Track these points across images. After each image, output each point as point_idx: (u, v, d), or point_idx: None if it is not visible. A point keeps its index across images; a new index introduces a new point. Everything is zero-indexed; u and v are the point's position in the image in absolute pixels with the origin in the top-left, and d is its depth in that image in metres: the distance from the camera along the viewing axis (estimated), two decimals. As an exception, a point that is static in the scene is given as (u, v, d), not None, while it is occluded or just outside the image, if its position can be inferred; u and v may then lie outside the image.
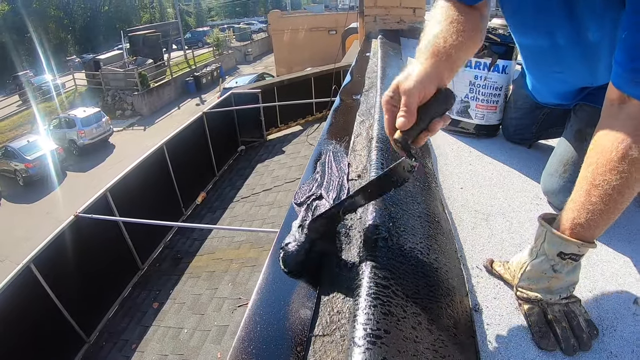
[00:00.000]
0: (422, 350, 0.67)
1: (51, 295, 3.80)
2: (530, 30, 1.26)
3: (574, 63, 1.25)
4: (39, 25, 32.96)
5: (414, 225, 0.97)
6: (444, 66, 0.93)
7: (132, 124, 20.28)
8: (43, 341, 3.76)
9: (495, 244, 1.17)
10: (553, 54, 1.27)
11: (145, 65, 22.57)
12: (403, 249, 0.86)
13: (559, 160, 1.36)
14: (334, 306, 0.78)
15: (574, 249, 0.84)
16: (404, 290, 0.75)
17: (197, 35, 35.93)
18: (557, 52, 1.24)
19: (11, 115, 21.24)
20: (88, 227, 4.19)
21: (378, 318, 0.66)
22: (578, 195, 0.85)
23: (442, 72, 0.92)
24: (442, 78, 0.92)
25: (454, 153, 1.72)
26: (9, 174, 15.35)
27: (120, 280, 4.75)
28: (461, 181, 1.50)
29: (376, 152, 1.21)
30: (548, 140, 1.83)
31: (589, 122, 1.30)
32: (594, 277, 1.05)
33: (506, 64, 1.72)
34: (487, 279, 1.05)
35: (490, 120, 1.83)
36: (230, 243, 4.73)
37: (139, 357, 3.68)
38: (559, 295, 0.90)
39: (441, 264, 0.92)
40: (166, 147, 5.53)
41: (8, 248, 11.32)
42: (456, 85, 1.80)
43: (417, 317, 0.73)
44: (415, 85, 0.86)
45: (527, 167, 1.62)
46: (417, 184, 1.18)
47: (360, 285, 0.73)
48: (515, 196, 1.42)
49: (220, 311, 3.68)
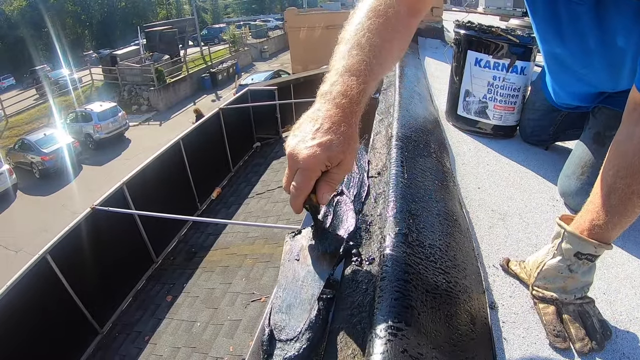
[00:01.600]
0: (440, 343, 0.69)
1: (66, 286, 3.85)
2: (562, 35, 1.26)
3: (600, 68, 1.25)
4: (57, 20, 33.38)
5: (433, 222, 0.99)
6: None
7: (148, 119, 20.44)
8: (57, 331, 3.81)
9: (511, 243, 1.18)
10: (580, 59, 1.27)
11: (161, 61, 22.72)
12: (423, 245, 0.87)
13: (577, 163, 1.37)
14: (354, 299, 0.79)
15: (591, 249, 0.86)
16: (423, 285, 0.76)
17: (213, 31, 36.08)
18: (585, 57, 1.24)
19: (28, 108, 21.54)
20: (104, 219, 4.24)
21: (399, 311, 0.68)
22: (597, 197, 0.86)
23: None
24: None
25: (471, 153, 1.73)
26: (25, 166, 15.58)
27: (134, 272, 4.80)
28: (478, 181, 1.50)
29: (396, 150, 1.23)
30: (565, 142, 1.83)
31: (608, 125, 1.31)
32: (608, 279, 1.06)
33: (524, 65, 1.72)
34: (503, 278, 1.06)
35: (508, 121, 1.83)
36: (245, 238, 4.76)
37: (151, 349, 3.73)
38: (574, 295, 0.91)
39: (459, 262, 0.93)
40: (182, 142, 5.57)
41: (24, 239, 11.48)
42: (474, 85, 1.81)
43: (436, 311, 0.74)
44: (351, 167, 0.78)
45: (544, 168, 1.62)
46: (436, 183, 1.19)
47: (381, 279, 0.74)
48: (532, 197, 1.42)
49: (233, 305, 3.71)
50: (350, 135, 0.73)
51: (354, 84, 0.76)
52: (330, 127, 0.72)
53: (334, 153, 0.71)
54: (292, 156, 0.72)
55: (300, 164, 0.71)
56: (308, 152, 0.70)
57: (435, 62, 3.09)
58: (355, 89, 0.76)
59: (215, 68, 24.31)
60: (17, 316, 3.47)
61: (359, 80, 0.77)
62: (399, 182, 1.05)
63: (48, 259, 3.68)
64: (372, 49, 0.81)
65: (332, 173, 0.74)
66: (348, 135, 0.73)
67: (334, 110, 0.74)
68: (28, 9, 32.56)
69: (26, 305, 3.54)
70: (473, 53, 1.77)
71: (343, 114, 0.74)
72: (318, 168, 0.72)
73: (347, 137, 0.73)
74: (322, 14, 20.20)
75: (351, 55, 0.80)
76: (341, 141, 0.72)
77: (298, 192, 0.73)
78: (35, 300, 3.62)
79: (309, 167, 0.71)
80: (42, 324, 3.69)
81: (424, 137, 1.47)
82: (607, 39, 1.12)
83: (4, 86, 28.02)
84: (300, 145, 0.72)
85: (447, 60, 2.76)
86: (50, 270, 3.71)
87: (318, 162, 0.71)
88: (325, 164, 0.72)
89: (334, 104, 0.75)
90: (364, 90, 0.77)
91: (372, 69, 0.80)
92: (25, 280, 3.50)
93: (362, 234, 0.97)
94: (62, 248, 3.81)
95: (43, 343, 3.69)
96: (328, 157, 0.71)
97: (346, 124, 0.73)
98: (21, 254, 10.83)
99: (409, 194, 1.02)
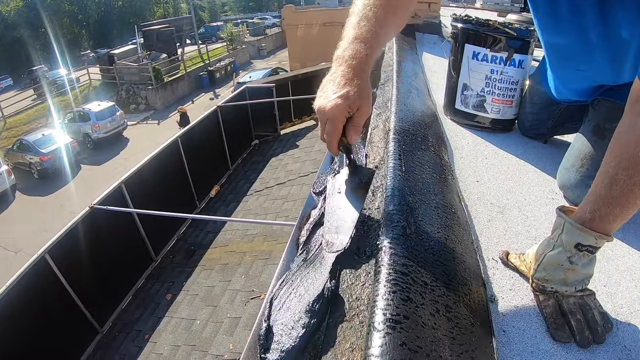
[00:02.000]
0: (440, 337, 0.68)
1: (65, 286, 3.85)
2: (562, 29, 1.25)
3: (602, 61, 1.25)
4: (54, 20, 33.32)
5: (432, 215, 0.98)
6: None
7: (146, 118, 20.40)
8: (57, 331, 3.81)
9: (510, 236, 1.17)
10: (582, 52, 1.27)
11: (159, 60, 22.72)
12: (421, 237, 0.87)
13: (576, 155, 1.36)
14: (352, 293, 0.79)
15: (592, 240, 0.85)
16: (422, 278, 0.76)
17: (210, 30, 36.07)
18: (587, 50, 1.24)
19: (26, 109, 21.54)
20: (103, 218, 4.24)
21: (397, 304, 0.67)
22: (599, 188, 0.86)
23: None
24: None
25: (469, 147, 1.72)
26: (24, 167, 15.53)
27: (134, 271, 4.81)
28: (477, 174, 1.50)
29: (393, 144, 1.22)
30: (564, 136, 1.82)
31: (608, 117, 1.30)
32: (608, 271, 1.05)
33: (522, 58, 1.71)
34: (503, 271, 1.05)
35: (506, 115, 1.82)
36: (244, 236, 4.76)
37: (151, 347, 3.73)
38: (574, 287, 0.90)
39: (458, 254, 0.93)
40: (181, 140, 5.57)
41: (23, 240, 11.47)
42: (472, 79, 1.80)
43: (435, 304, 0.74)
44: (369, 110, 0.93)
45: (542, 161, 1.62)
46: (435, 176, 1.18)
47: (380, 272, 0.73)
48: (531, 190, 1.41)
49: (233, 303, 3.71)
50: (363, 86, 0.90)
51: (362, 49, 0.93)
52: (346, 82, 0.89)
53: (352, 100, 0.87)
54: (320, 111, 0.89)
55: (327, 114, 0.87)
56: (332, 104, 0.87)
57: (433, 57, 3.09)
58: (363, 52, 0.93)
59: (213, 66, 24.25)
60: (17, 316, 3.47)
61: (366, 46, 0.94)
62: (397, 175, 1.04)
63: (47, 259, 3.67)
64: (377, 20, 0.97)
65: (355, 117, 0.90)
66: (361, 86, 0.89)
67: (347, 70, 0.91)
68: (25, 9, 32.47)
69: (26, 306, 3.54)
70: (470, 46, 1.76)
71: (354, 71, 0.90)
72: (342, 115, 0.87)
73: (361, 88, 0.89)
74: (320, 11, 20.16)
75: (360, 26, 0.97)
76: (356, 91, 0.88)
77: (331, 138, 0.89)
78: (34, 301, 3.62)
79: (335, 115, 0.87)
80: (42, 324, 3.69)
81: (421, 131, 1.46)
82: (610, 33, 1.11)
83: (2, 87, 27.95)
84: (325, 101, 0.88)
85: (445, 55, 2.75)
86: (49, 270, 3.71)
87: (341, 110, 0.87)
88: (347, 111, 0.87)
89: (346, 65, 0.92)
90: (371, 54, 0.94)
91: (377, 37, 0.96)
92: (25, 281, 3.49)
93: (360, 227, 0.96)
94: (61, 248, 3.80)
95: (43, 343, 3.69)
96: (348, 105, 0.87)
97: (358, 78, 0.90)
98: (20, 254, 10.83)
99: (407, 187, 1.01)
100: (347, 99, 0.87)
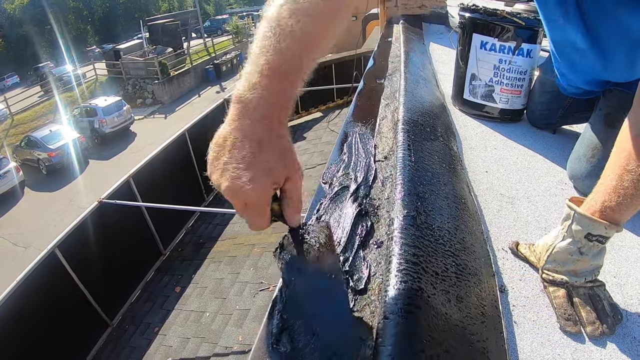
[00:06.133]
0: (451, 326, 0.68)
1: (75, 280, 3.88)
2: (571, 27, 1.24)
3: (616, 58, 1.24)
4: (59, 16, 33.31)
5: (442, 205, 0.98)
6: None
7: (153, 112, 20.45)
8: (68, 325, 3.85)
9: (520, 227, 1.17)
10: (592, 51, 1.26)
11: (165, 54, 22.71)
12: (431, 227, 0.86)
13: (587, 145, 1.34)
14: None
15: (602, 230, 0.84)
16: (433, 268, 0.76)
17: (216, 23, 35.96)
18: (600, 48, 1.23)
19: (33, 105, 21.65)
20: (112, 213, 4.27)
21: (409, 294, 0.67)
22: (609, 179, 0.85)
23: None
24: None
25: (478, 137, 1.71)
26: (32, 163, 15.67)
27: (143, 265, 4.84)
28: (486, 165, 1.49)
29: (402, 134, 1.21)
30: (573, 126, 1.80)
31: (619, 107, 1.28)
32: (618, 262, 1.05)
33: (531, 47, 1.69)
34: (513, 261, 1.05)
35: (514, 105, 1.81)
36: (252, 228, 4.76)
37: (161, 340, 3.76)
38: (585, 278, 0.90)
39: (468, 244, 0.92)
40: (188, 133, 5.57)
41: (33, 236, 11.57)
42: (480, 69, 1.79)
43: (446, 294, 0.73)
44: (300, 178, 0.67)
45: (552, 152, 1.60)
46: (444, 166, 1.18)
47: (391, 261, 0.73)
48: (541, 180, 1.40)
49: (242, 295, 3.73)
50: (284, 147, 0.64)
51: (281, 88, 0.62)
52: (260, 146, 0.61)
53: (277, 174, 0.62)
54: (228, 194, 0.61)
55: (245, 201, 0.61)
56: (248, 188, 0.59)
57: (440, 48, 3.06)
58: (284, 96, 0.63)
59: (219, 59, 24.17)
60: (28, 311, 3.50)
61: (289, 84, 0.63)
62: (406, 165, 1.03)
63: (57, 254, 3.70)
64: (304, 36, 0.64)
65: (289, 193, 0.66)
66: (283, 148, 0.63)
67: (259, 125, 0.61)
68: (30, 7, 32.51)
69: (37, 300, 3.57)
70: (478, 36, 1.74)
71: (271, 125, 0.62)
72: (267, 197, 0.63)
73: (282, 150, 0.63)
74: (325, 2, 20.03)
75: (278, 50, 0.62)
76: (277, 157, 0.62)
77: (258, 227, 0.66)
78: (45, 295, 3.65)
79: (258, 202, 0.62)
80: (53, 318, 3.73)
81: (430, 121, 1.45)
82: (625, 29, 1.10)
83: (8, 85, 28.18)
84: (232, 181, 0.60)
85: (452, 45, 2.73)
86: (59, 265, 3.74)
87: (264, 192, 0.61)
88: (272, 189, 0.63)
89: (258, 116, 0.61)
90: (292, 95, 0.64)
91: (303, 68, 0.65)
92: (35, 275, 3.52)
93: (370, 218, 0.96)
94: (71, 242, 3.83)
95: (55, 337, 3.73)
96: (272, 182, 0.62)
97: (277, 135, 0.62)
98: (30, 249, 10.92)
99: (416, 177, 1.01)
100: (269, 174, 0.61)
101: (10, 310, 3.33)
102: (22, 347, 3.49)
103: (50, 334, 3.68)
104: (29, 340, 3.52)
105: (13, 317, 3.35)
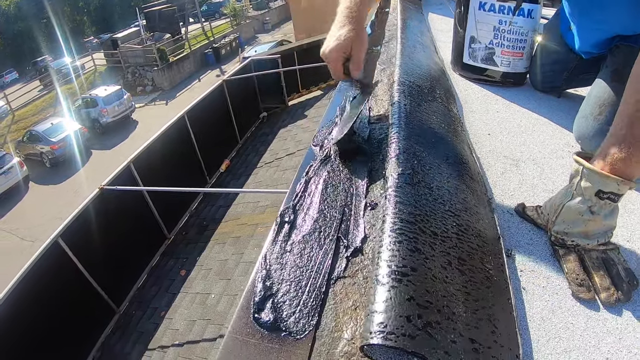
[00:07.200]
0: (452, 291, 0.62)
1: (80, 268, 3.86)
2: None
3: (620, 8, 1.20)
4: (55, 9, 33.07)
5: (441, 164, 0.92)
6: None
7: (154, 99, 20.40)
8: (76, 313, 3.84)
9: (526, 189, 1.11)
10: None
11: (163, 40, 22.56)
12: (430, 186, 0.80)
13: (595, 102, 1.28)
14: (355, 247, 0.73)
15: (614, 186, 0.78)
16: (431, 228, 0.70)
17: (213, 6, 35.53)
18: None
19: (33, 100, 21.70)
20: (114, 199, 4.23)
21: (404, 255, 0.61)
22: (619, 128, 0.79)
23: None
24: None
25: (479, 101, 1.64)
26: (35, 157, 15.71)
27: (147, 250, 4.82)
28: (488, 128, 1.42)
29: (398, 94, 1.16)
30: (577, 90, 1.74)
31: (627, 62, 1.22)
32: (631, 225, 0.98)
33: (532, 7, 1.61)
34: (519, 224, 0.99)
35: (517, 68, 1.74)
36: (255, 208, 4.73)
37: (167, 323, 3.75)
38: (597, 240, 0.85)
39: (470, 205, 0.86)
40: (187, 116, 5.50)
41: (39, 229, 11.62)
42: (480, 31, 1.71)
43: (447, 256, 0.68)
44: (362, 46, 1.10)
45: (557, 115, 1.54)
46: (443, 126, 1.12)
47: (384, 220, 0.67)
48: (546, 143, 1.34)
49: (246, 275, 3.70)
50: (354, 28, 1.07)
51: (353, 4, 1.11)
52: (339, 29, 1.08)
53: (344, 42, 1.06)
54: (322, 55, 1.10)
55: (326, 57, 1.08)
56: (328, 49, 1.08)
57: (439, 17, 2.99)
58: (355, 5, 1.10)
59: (217, 43, 23.97)
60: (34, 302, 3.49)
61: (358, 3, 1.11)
62: (402, 123, 0.98)
63: (60, 243, 3.67)
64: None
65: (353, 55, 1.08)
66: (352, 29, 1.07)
67: (342, 18, 1.10)
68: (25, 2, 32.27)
69: (42, 290, 3.55)
70: (477, -4, 1.67)
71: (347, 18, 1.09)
72: (338, 56, 1.08)
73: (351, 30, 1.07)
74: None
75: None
76: (347, 34, 1.06)
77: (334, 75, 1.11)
78: (51, 285, 3.63)
79: (331, 58, 1.08)
80: (60, 307, 3.71)
81: (428, 84, 1.39)
82: None
83: (7, 81, 28.15)
84: (324, 46, 1.09)
85: (451, 15, 2.65)
86: (63, 254, 3.71)
87: (336, 52, 1.07)
88: (342, 52, 1.07)
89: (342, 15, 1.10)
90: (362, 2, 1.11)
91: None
92: (39, 265, 3.50)
93: (364, 180, 0.90)
94: (74, 231, 3.80)
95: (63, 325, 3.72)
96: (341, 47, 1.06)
97: (350, 23, 1.08)
98: (37, 243, 10.95)
99: (412, 136, 0.95)
100: (339, 41, 1.06)
101: (14, 305, 3.30)
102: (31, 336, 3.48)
103: (58, 323, 3.67)
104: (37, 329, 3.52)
105: (19, 308, 3.33)
